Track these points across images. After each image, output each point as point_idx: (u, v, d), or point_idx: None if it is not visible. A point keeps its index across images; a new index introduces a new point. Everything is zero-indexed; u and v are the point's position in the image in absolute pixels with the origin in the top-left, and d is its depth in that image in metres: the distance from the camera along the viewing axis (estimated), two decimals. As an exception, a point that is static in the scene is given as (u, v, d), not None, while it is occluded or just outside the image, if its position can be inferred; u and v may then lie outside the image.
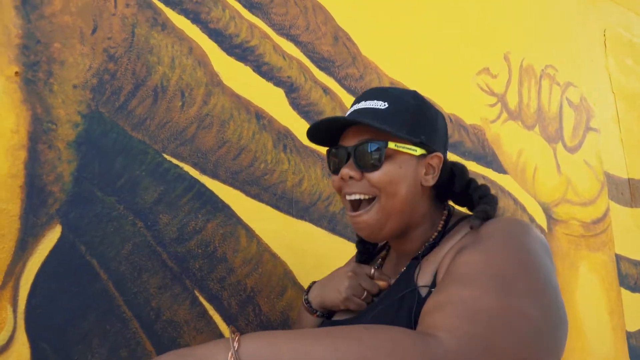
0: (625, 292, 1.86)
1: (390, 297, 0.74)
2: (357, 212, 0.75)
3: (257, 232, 1.11)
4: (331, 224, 1.23)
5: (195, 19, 1.12)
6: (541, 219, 1.70)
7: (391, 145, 0.73)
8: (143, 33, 1.06)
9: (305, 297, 0.90)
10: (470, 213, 0.80)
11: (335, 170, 0.79)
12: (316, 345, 0.52)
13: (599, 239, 1.82)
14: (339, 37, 1.34)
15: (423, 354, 0.51)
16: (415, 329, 0.62)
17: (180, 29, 1.10)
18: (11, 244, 0.86)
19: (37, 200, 0.90)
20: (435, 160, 0.77)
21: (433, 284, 0.68)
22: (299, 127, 1.22)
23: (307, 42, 1.28)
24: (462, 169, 0.82)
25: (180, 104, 1.08)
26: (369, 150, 0.73)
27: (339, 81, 1.31)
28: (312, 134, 0.81)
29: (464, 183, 0.81)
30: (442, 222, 0.78)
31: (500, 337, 0.52)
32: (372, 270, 0.83)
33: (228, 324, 1.04)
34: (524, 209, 1.64)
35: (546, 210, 1.71)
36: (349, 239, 1.24)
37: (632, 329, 1.85)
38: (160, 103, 1.05)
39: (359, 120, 0.74)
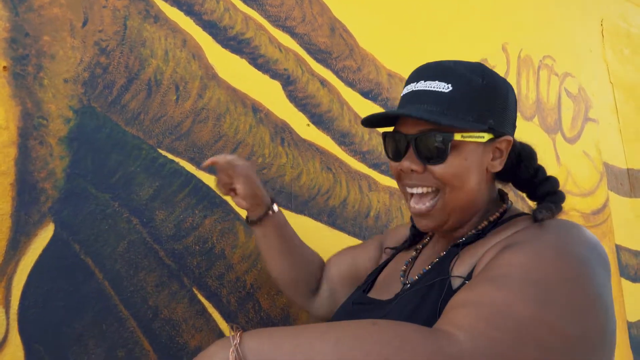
0: (625, 283, 1.86)
1: (423, 281, 0.70)
2: (420, 209, 0.70)
3: (256, 227, 1.09)
4: (331, 218, 1.21)
5: (189, 11, 1.10)
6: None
7: (457, 137, 0.66)
8: (135, 25, 1.03)
9: None
10: (527, 213, 0.74)
11: (395, 157, 0.73)
12: (319, 341, 0.50)
13: (598, 230, 1.81)
14: (336, 28, 1.32)
15: (433, 352, 0.48)
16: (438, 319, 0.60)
17: (174, 21, 1.08)
18: (2, 244, 0.83)
19: (28, 198, 0.87)
20: (503, 144, 0.71)
21: (469, 277, 0.64)
22: (297, 120, 1.20)
23: (304, 33, 1.26)
24: (531, 154, 0.76)
25: (174, 97, 1.05)
26: (432, 143, 0.67)
27: (336, 73, 1.29)
28: (366, 123, 0.75)
29: (532, 170, 0.75)
30: (496, 215, 0.73)
31: (524, 350, 0.48)
32: None
33: (228, 322, 1.02)
34: (523, 199, 1.62)
35: (546, 202, 1.69)
36: (348, 233, 1.22)
37: (633, 319, 1.84)
38: (154, 97, 1.03)
39: (421, 117, 0.65)
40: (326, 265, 1.01)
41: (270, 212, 0.93)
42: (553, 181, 0.74)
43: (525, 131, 1.70)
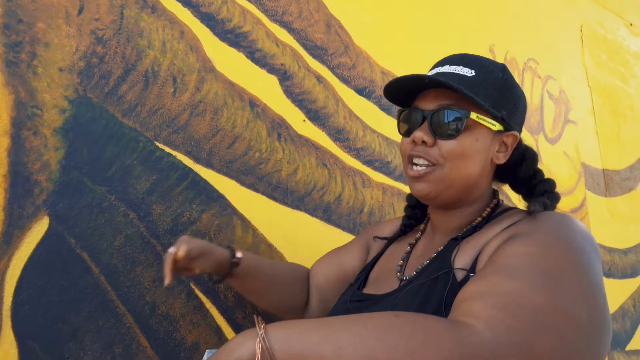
0: (600, 279, 1.93)
1: (423, 275, 0.71)
2: (418, 171, 0.72)
3: (253, 222, 1.08)
4: (326, 214, 1.21)
5: (186, 2, 1.08)
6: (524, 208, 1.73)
7: (473, 116, 0.70)
8: (132, 15, 1.01)
9: None
10: (515, 207, 0.78)
11: (407, 133, 0.75)
12: (345, 332, 0.51)
13: (576, 228, 1.87)
14: (332, 25, 1.32)
15: (457, 343, 0.49)
16: (445, 311, 0.61)
17: (171, 12, 1.06)
18: (-5, 237, 0.80)
19: (22, 190, 0.84)
20: (510, 138, 0.74)
21: (472, 269, 0.66)
22: (293, 116, 1.20)
23: (300, 29, 1.25)
24: (534, 156, 0.79)
25: (172, 90, 1.03)
26: (449, 118, 0.70)
27: (332, 70, 1.29)
28: (389, 88, 0.76)
29: (531, 171, 0.78)
30: (489, 209, 0.76)
31: (542, 337, 0.50)
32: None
33: (225, 317, 1.01)
34: (508, 197, 1.67)
35: (529, 200, 1.74)
36: (343, 228, 1.23)
37: (607, 314, 1.92)
38: (151, 89, 1.01)
39: (446, 83, 0.69)
40: (311, 274, 0.99)
41: (235, 263, 0.87)
42: (551, 182, 0.78)
43: (510, 131, 1.74)
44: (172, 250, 0.77)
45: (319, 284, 0.97)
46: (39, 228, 0.85)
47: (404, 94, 0.78)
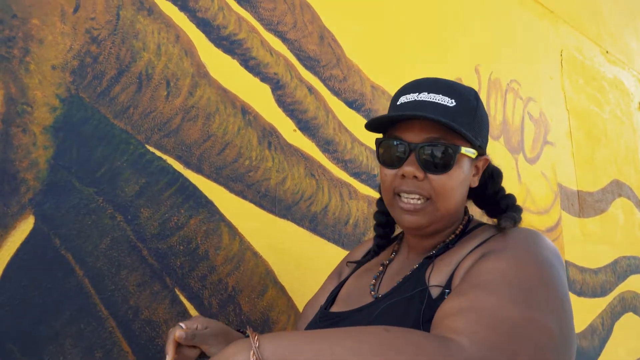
0: (572, 296, 1.99)
1: (399, 293, 0.72)
2: (415, 205, 0.71)
3: (240, 229, 1.08)
4: (312, 224, 1.22)
5: (183, 7, 1.08)
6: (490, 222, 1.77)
7: (463, 150, 0.71)
8: (128, 16, 1.00)
9: None
10: (485, 222, 0.80)
11: (390, 164, 0.73)
12: (338, 347, 0.52)
13: (551, 246, 1.93)
14: (325, 37, 1.34)
15: (446, 358, 0.50)
16: (423, 328, 0.63)
17: (168, 15, 1.06)
18: (-22, 235, 0.78)
19: (8, 188, 0.82)
20: (481, 162, 0.77)
21: (447, 285, 0.68)
22: (284, 125, 1.21)
23: (294, 39, 1.27)
24: (500, 174, 0.82)
25: (165, 93, 1.03)
26: (439, 152, 0.70)
27: (324, 81, 1.31)
28: (374, 122, 0.75)
29: (497, 188, 0.81)
30: (461, 226, 0.78)
31: (521, 349, 0.53)
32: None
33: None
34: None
35: (507, 218, 1.79)
36: (329, 239, 1.24)
37: (577, 330, 1.98)
38: (144, 91, 1.00)
39: (440, 120, 0.68)
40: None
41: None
42: (513, 197, 0.82)
43: (492, 150, 1.79)
44: (179, 333, 0.69)
45: None
46: (24, 227, 0.83)
47: (380, 123, 0.76)
